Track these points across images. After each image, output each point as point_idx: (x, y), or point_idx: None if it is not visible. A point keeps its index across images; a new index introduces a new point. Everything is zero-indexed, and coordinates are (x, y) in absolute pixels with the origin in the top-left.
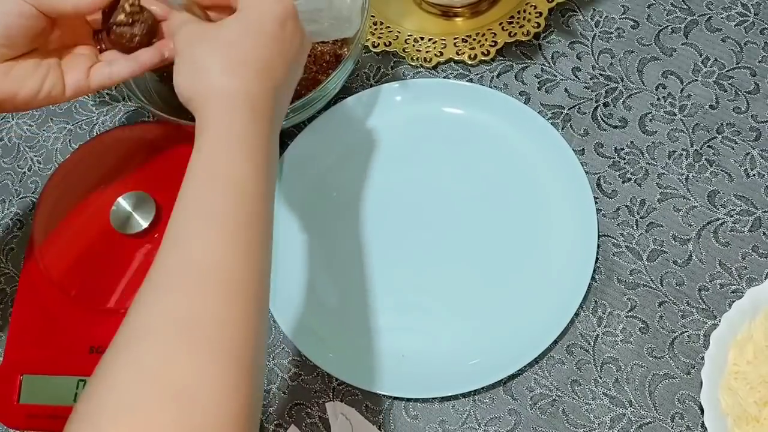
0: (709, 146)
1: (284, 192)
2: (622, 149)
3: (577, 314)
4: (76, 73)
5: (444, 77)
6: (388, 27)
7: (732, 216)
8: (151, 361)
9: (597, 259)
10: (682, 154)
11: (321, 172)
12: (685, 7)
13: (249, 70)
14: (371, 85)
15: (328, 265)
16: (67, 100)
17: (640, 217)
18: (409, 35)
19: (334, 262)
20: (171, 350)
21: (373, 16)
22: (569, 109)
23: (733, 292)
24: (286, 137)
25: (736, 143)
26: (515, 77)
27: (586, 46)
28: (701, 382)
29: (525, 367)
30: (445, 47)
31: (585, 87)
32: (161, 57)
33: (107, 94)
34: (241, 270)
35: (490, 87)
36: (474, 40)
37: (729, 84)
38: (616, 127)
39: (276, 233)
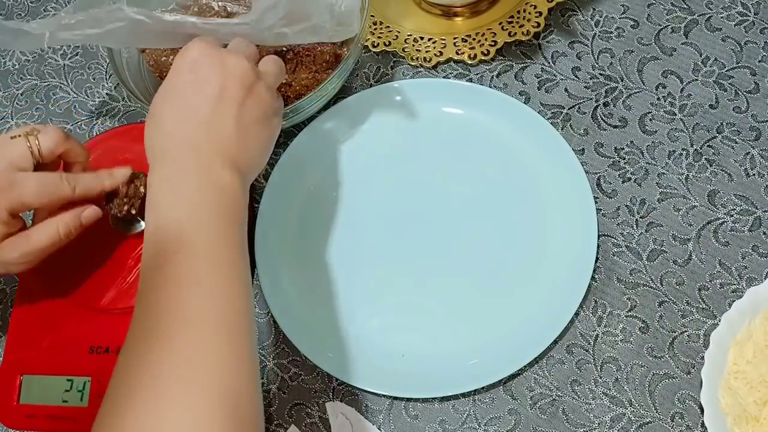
0: (709, 146)
1: (283, 192)
2: (622, 149)
3: (577, 314)
4: None
5: (444, 77)
6: (388, 27)
7: (732, 216)
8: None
9: (597, 258)
10: (682, 154)
11: (320, 172)
12: (685, 6)
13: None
14: (371, 85)
15: (328, 266)
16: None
17: (640, 217)
18: (408, 35)
19: (333, 262)
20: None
21: (372, 15)
22: (569, 109)
23: (733, 292)
24: (286, 137)
25: (736, 143)
26: (515, 77)
27: (586, 45)
28: (701, 382)
29: (525, 366)
30: (444, 47)
31: (585, 87)
32: (54, 237)
33: (107, 94)
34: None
35: (490, 87)
36: (474, 39)
37: (729, 83)
38: (616, 126)
39: (276, 233)
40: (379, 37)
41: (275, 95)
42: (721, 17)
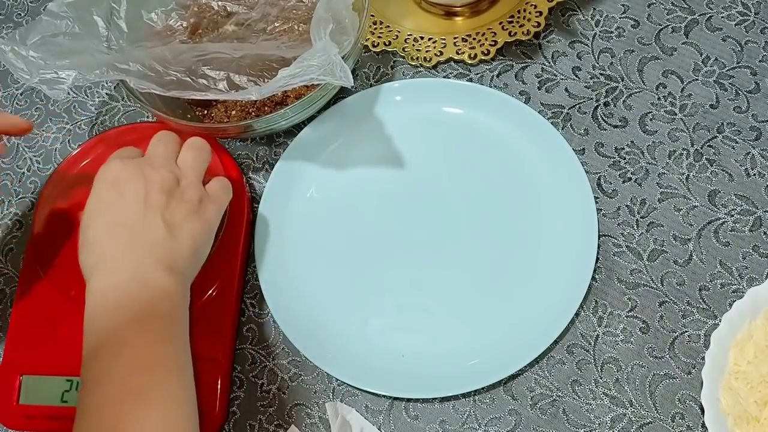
0: (709, 146)
1: (283, 192)
2: (623, 149)
3: (577, 314)
4: None
5: (444, 77)
6: (388, 26)
7: (732, 216)
8: None
9: (597, 259)
10: (682, 154)
11: (320, 172)
12: (686, 6)
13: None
14: (371, 85)
15: (328, 266)
16: None
17: (641, 217)
18: (408, 35)
19: (333, 262)
20: None
21: (372, 15)
22: (569, 109)
23: (733, 292)
24: (286, 137)
25: (736, 143)
26: (515, 77)
27: (587, 45)
28: (702, 382)
29: (525, 367)
30: (445, 47)
31: (585, 86)
32: None
33: (107, 94)
34: None
35: (490, 87)
36: (474, 39)
37: (729, 83)
38: (616, 126)
39: (276, 233)
40: (379, 37)
41: (198, 189)
42: (722, 17)
